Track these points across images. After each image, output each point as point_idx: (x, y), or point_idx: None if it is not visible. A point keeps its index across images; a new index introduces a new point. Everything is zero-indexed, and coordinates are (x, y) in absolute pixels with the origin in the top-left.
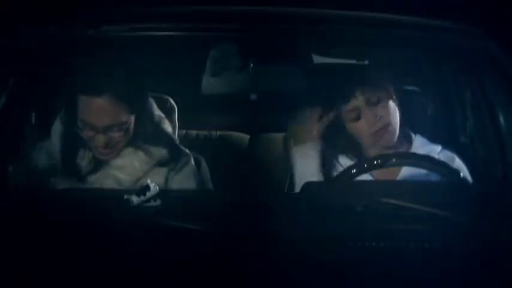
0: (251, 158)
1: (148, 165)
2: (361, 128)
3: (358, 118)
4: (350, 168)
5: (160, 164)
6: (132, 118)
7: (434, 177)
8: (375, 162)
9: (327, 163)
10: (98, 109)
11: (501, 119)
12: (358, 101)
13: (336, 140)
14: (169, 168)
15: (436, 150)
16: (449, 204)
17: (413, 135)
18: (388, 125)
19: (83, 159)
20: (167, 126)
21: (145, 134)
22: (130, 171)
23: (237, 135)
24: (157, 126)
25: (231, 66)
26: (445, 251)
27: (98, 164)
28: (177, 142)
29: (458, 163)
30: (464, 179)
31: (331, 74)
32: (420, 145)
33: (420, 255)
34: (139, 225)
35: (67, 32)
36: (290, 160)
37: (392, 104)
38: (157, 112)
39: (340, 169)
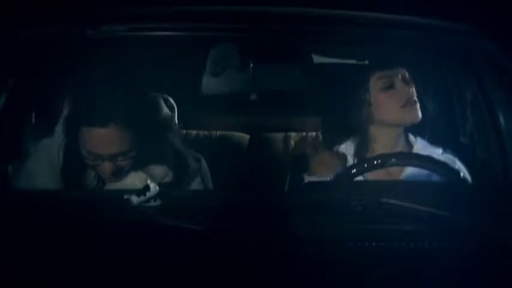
0: (251, 158)
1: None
2: (391, 99)
3: (390, 86)
4: (350, 168)
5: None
6: (137, 143)
7: (434, 177)
8: (375, 162)
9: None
10: (104, 139)
11: (501, 119)
12: (392, 70)
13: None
14: (179, 175)
15: (437, 153)
16: (449, 204)
17: (414, 138)
18: (415, 102)
19: (87, 177)
20: (173, 140)
21: (148, 156)
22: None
23: (237, 135)
24: (161, 145)
25: (231, 66)
26: (445, 251)
27: (101, 183)
28: (182, 160)
29: (459, 166)
30: (464, 179)
31: (331, 74)
32: (421, 147)
33: (420, 255)
34: (139, 225)
35: (67, 32)
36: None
37: (416, 96)
38: (162, 117)
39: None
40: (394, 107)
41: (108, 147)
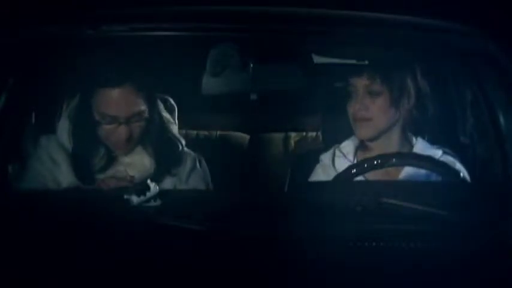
0: (251, 158)
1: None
2: (349, 108)
3: (350, 97)
4: (350, 168)
5: (168, 168)
6: (148, 109)
7: (434, 177)
8: (375, 162)
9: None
10: (119, 100)
11: (501, 119)
12: (360, 80)
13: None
14: (178, 172)
15: (437, 155)
16: (449, 204)
17: (414, 139)
18: (368, 119)
19: (95, 155)
20: (174, 128)
21: (154, 134)
22: (140, 168)
23: (237, 135)
24: (165, 127)
25: (231, 66)
26: (445, 251)
27: (110, 160)
28: (184, 146)
29: (458, 166)
30: (463, 179)
31: (331, 74)
32: (421, 149)
33: (420, 255)
34: (139, 225)
35: (67, 32)
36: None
37: (387, 106)
38: (164, 113)
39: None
40: (350, 116)
41: (125, 108)
